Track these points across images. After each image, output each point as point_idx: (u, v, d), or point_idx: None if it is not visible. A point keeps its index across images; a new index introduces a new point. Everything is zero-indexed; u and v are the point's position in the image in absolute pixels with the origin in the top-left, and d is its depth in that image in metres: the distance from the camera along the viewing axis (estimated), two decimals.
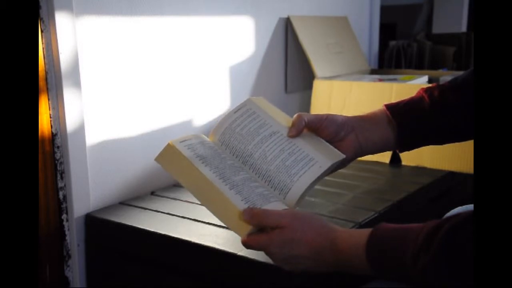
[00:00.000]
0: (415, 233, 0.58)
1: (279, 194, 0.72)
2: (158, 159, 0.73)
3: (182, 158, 0.71)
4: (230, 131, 0.76)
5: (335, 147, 0.77)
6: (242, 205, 0.68)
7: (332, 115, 0.78)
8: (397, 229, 0.61)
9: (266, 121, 0.77)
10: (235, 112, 0.78)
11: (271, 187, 0.73)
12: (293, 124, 0.75)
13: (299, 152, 0.74)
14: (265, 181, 0.73)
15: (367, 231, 0.63)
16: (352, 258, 0.63)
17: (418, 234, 0.58)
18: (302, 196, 0.72)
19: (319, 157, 0.73)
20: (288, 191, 0.72)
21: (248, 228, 0.67)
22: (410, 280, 0.59)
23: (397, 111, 0.81)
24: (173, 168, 0.72)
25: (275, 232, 0.67)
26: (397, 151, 0.84)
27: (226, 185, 0.70)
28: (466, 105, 0.78)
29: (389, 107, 0.81)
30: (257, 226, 0.68)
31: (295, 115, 0.76)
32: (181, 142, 0.74)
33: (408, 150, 0.83)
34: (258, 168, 0.74)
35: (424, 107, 0.80)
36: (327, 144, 0.76)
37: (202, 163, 0.72)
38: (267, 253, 0.69)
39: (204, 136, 0.78)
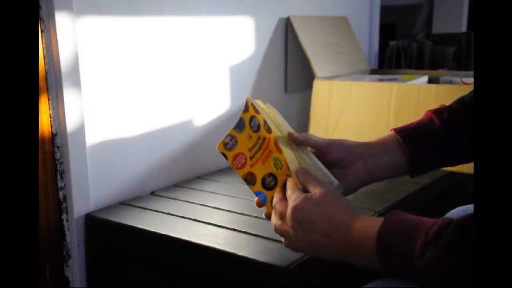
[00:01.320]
0: (428, 225, 0.57)
1: None
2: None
3: None
4: None
5: (342, 173, 0.76)
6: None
7: (340, 140, 0.77)
8: (410, 218, 0.60)
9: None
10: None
11: None
12: (298, 136, 0.75)
13: None
14: None
15: (382, 218, 0.62)
16: (362, 241, 0.62)
17: (431, 227, 0.57)
18: None
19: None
20: None
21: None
22: (412, 272, 0.58)
23: (407, 135, 0.79)
24: None
25: (308, 194, 0.67)
26: (409, 176, 0.82)
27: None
28: None
29: (398, 131, 0.80)
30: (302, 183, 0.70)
31: (303, 134, 0.76)
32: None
33: (420, 174, 0.81)
34: None
35: (435, 129, 0.79)
36: (325, 169, 0.74)
37: None
38: (289, 211, 0.68)
39: None
